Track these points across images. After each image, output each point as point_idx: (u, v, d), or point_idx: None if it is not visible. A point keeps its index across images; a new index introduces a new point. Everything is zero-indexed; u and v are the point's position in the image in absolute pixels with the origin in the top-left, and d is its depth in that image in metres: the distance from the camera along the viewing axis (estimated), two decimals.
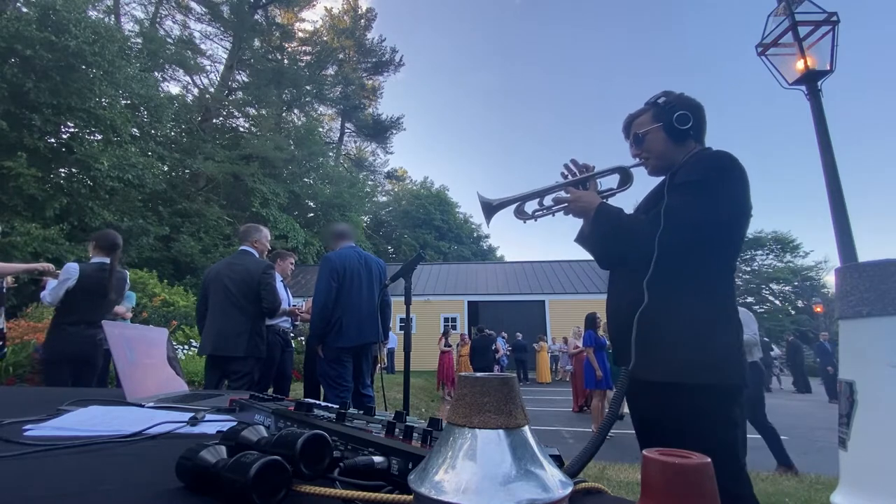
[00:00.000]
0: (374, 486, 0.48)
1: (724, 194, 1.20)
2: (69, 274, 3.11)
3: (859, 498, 0.36)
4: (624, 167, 1.46)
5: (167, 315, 10.54)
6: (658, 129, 1.36)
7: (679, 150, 1.36)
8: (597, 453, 0.65)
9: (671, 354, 1.19)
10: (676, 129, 1.32)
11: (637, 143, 1.41)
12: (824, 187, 3.32)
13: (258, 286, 3.16)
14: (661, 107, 1.37)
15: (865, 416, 0.37)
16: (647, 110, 1.41)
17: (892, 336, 0.37)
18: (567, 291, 18.67)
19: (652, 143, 1.38)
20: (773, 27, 3.75)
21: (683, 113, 1.33)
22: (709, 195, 1.20)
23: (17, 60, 12.19)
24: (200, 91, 23.34)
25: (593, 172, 1.45)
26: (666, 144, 1.36)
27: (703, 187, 1.21)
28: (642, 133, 1.39)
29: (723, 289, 1.24)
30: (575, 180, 1.45)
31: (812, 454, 5.16)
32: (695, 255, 1.20)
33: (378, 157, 34.83)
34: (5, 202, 12.40)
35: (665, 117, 1.34)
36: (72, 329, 3.05)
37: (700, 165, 1.26)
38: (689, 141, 1.35)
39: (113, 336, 1.20)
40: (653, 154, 1.39)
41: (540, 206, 1.47)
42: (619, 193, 1.48)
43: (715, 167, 1.24)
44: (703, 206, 1.19)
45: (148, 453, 0.68)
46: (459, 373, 0.33)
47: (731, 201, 1.21)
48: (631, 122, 1.45)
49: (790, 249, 34.04)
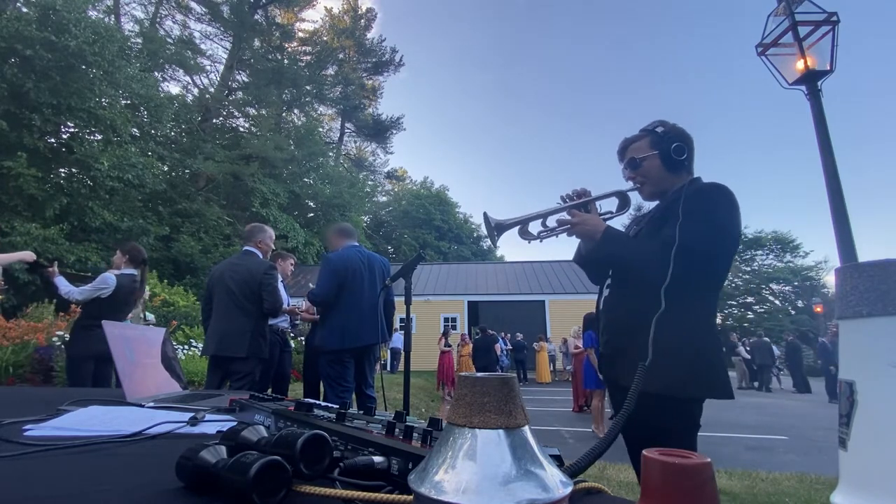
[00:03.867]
0: (374, 486, 0.48)
1: (720, 225, 1.29)
2: (107, 284, 3.53)
3: (859, 498, 0.36)
4: (622, 191, 1.51)
5: (167, 315, 10.53)
6: (655, 157, 1.42)
7: (673, 179, 1.43)
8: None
9: (671, 369, 1.25)
10: (672, 159, 1.39)
11: (633, 167, 1.47)
12: (824, 187, 3.32)
13: (260, 287, 3.17)
14: (659, 135, 1.43)
15: (865, 416, 0.37)
16: (644, 136, 1.46)
17: (892, 336, 0.37)
18: (567, 291, 18.67)
19: (648, 169, 1.44)
20: (773, 27, 3.75)
21: (679, 145, 1.40)
22: (708, 225, 1.27)
23: (17, 60, 12.19)
24: (200, 91, 23.35)
25: (594, 196, 1.50)
26: (661, 172, 1.43)
27: (706, 218, 1.28)
28: (640, 158, 1.45)
29: (713, 309, 1.36)
30: (577, 202, 1.49)
31: (812, 454, 5.16)
32: (699, 276, 1.28)
33: (378, 157, 34.88)
34: (5, 202, 12.40)
35: (663, 146, 1.40)
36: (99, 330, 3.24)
37: (702, 197, 1.32)
38: (682, 171, 1.43)
39: (113, 336, 1.20)
40: (649, 180, 1.45)
41: (544, 227, 1.52)
42: (616, 217, 1.55)
43: (714, 200, 1.31)
44: (705, 237, 1.26)
45: (148, 453, 0.68)
46: (459, 373, 0.33)
47: (724, 232, 1.30)
48: (627, 146, 1.50)
49: (790, 249, 34.06)
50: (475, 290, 19.73)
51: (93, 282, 3.56)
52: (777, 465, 4.42)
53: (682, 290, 1.25)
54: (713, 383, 1.27)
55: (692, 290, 1.29)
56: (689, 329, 1.29)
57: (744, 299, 34.79)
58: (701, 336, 1.30)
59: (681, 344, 1.27)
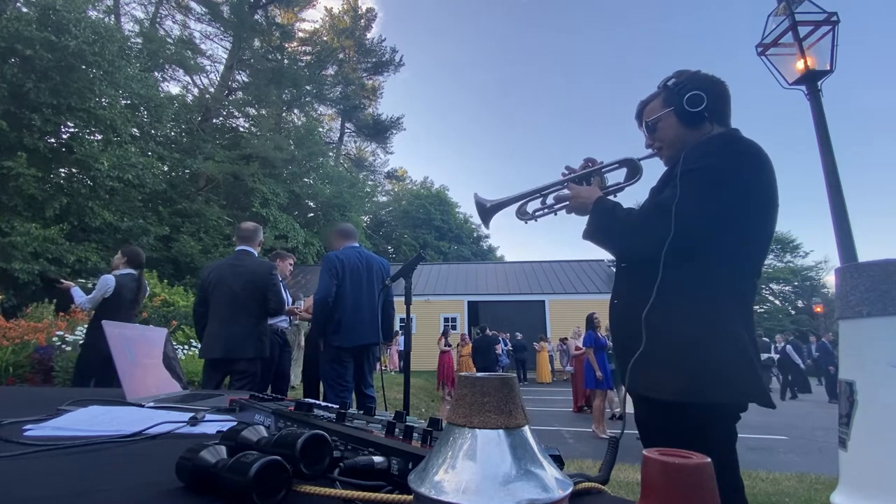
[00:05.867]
0: (374, 486, 0.48)
1: (730, 183, 1.07)
2: (108, 285, 3.79)
3: (859, 498, 0.36)
4: (631, 159, 1.35)
5: (167, 315, 10.54)
6: (670, 114, 1.23)
7: (695, 136, 1.20)
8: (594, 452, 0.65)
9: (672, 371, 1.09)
10: (688, 112, 1.18)
11: (650, 131, 1.29)
12: (824, 187, 3.32)
13: (265, 288, 3.16)
14: (671, 89, 1.23)
15: (865, 416, 0.37)
16: (659, 94, 1.28)
17: (892, 336, 0.37)
18: (567, 291, 18.66)
19: (664, 130, 1.25)
20: (773, 27, 3.75)
21: (696, 93, 1.17)
22: (709, 185, 1.07)
23: (17, 60, 12.20)
24: (200, 91, 23.36)
25: (597, 167, 1.36)
26: (679, 130, 1.22)
27: (703, 176, 1.08)
28: (653, 120, 1.27)
29: (730, 293, 1.10)
30: (576, 175, 1.36)
31: (812, 454, 5.16)
32: (699, 253, 1.09)
33: (378, 157, 34.89)
34: (5, 202, 12.41)
35: (676, 100, 1.20)
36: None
37: (703, 151, 1.13)
38: (704, 124, 1.19)
39: (113, 336, 1.20)
40: (666, 142, 1.26)
41: (542, 204, 1.41)
42: (627, 188, 1.37)
43: (719, 153, 1.10)
44: (703, 198, 1.06)
45: (148, 453, 0.68)
46: (460, 373, 0.33)
47: (740, 191, 1.07)
48: (642, 109, 1.32)
49: (790, 249, 34.05)
50: (475, 290, 19.73)
51: (95, 287, 3.91)
52: (777, 465, 4.42)
53: (683, 273, 1.07)
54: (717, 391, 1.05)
55: (698, 270, 1.08)
56: (703, 317, 1.08)
57: None
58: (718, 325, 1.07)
59: (691, 336, 1.08)
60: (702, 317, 1.09)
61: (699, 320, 1.09)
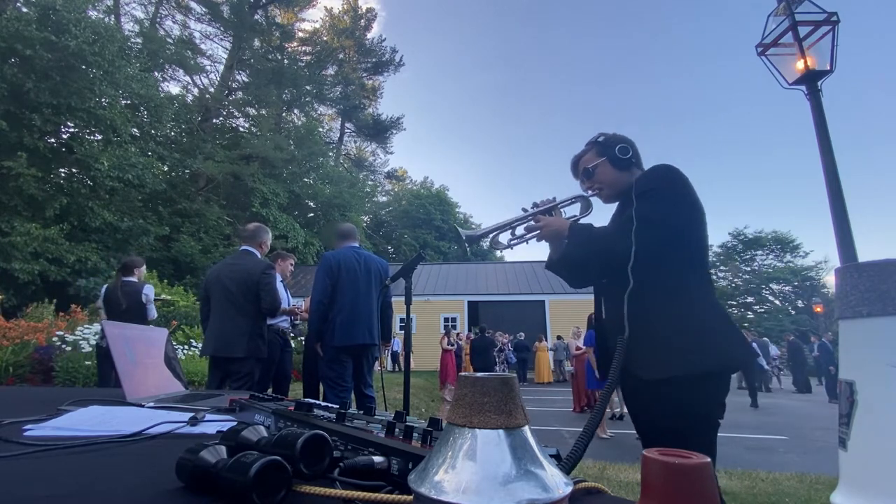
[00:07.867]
0: (374, 486, 0.48)
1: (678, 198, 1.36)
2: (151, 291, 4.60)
3: (859, 498, 0.36)
4: (584, 195, 1.64)
5: (167, 315, 10.53)
6: (605, 163, 1.53)
7: (626, 177, 1.51)
8: (595, 452, 0.65)
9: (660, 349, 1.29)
10: (620, 159, 1.50)
11: (587, 177, 1.57)
12: (824, 187, 3.32)
13: (257, 286, 3.17)
14: (602, 143, 1.55)
15: (865, 416, 0.37)
16: (591, 149, 1.58)
17: (892, 336, 0.37)
18: (567, 291, 18.62)
19: (601, 174, 1.54)
20: (773, 27, 3.75)
21: (623, 146, 1.51)
22: (662, 199, 1.35)
23: (17, 60, 12.20)
24: (200, 91, 23.38)
25: (557, 202, 1.63)
26: (614, 174, 1.53)
27: (657, 193, 1.36)
28: (591, 167, 1.55)
29: (702, 288, 1.37)
30: (542, 209, 1.60)
31: (812, 454, 5.16)
32: (671, 252, 1.33)
33: (378, 157, 34.92)
34: (5, 202, 12.41)
35: (608, 151, 1.52)
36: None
37: (650, 177, 1.43)
38: (632, 168, 1.52)
39: (113, 336, 1.20)
40: (605, 184, 1.55)
41: (513, 235, 1.62)
42: (581, 220, 1.64)
43: (663, 178, 1.40)
44: (662, 209, 1.33)
45: (148, 453, 0.68)
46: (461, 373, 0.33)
47: (688, 203, 1.37)
48: (577, 161, 1.62)
49: (790, 249, 34.07)
50: (475, 290, 19.74)
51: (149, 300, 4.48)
52: (777, 465, 4.42)
53: (657, 269, 1.30)
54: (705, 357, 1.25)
55: (668, 268, 1.32)
56: (675, 308, 1.31)
57: (744, 299, 34.79)
58: (688, 313, 1.31)
59: (667, 324, 1.30)
60: (678, 299, 1.32)
61: (676, 301, 1.32)
